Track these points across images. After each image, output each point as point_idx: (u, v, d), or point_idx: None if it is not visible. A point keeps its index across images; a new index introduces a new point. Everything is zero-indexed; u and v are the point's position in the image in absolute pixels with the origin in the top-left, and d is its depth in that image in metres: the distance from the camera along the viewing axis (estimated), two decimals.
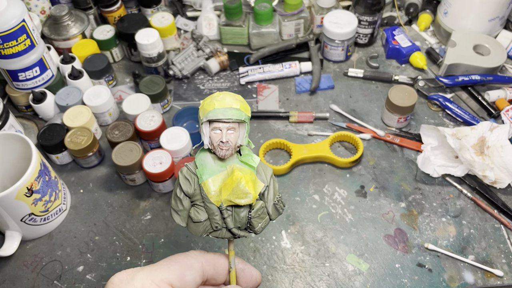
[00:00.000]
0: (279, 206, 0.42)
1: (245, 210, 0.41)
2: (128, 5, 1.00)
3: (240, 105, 0.39)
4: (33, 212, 0.68)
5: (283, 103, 0.89)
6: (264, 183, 0.41)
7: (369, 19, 0.92)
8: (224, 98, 0.39)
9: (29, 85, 0.83)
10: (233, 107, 0.39)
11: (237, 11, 0.93)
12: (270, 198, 0.42)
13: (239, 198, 0.39)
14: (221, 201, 0.40)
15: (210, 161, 0.41)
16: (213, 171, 0.40)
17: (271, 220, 0.43)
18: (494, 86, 0.88)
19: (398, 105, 0.79)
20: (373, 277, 0.66)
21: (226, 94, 0.40)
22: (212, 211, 0.40)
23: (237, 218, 0.41)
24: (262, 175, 0.41)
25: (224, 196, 0.39)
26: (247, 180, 0.39)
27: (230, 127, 0.39)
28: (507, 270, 0.66)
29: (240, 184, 0.39)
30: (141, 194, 0.77)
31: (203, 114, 0.39)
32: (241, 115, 0.39)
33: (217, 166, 0.41)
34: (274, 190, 0.42)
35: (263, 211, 0.42)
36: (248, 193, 0.39)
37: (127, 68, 0.97)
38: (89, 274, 0.68)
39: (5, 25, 0.73)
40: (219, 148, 0.40)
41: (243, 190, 0.39)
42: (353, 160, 0.77)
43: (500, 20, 0.91)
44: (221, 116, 0.39)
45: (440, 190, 0.75)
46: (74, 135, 0.77)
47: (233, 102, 0.39)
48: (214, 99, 0.39)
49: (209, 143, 0.40)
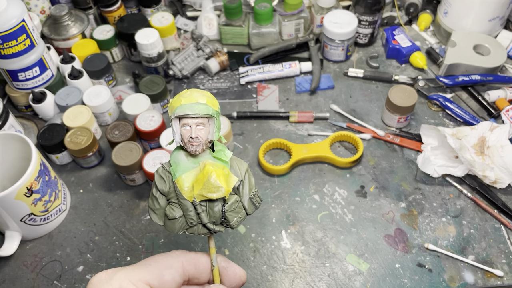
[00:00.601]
0: (255, 200, 0.43)
1: (219, 204, 0.41)
2: (128, 5, 1.00)
3: (207, 100, 0.40)
4: (33, 212, 0.68)
5: (283, 103, 0.89)
6: (238, 178, 0.41)
7: (369, 19, 0.92)
8: (191, 94, 0.40)
9: (29, 85, 0.83)
10: (199, 102, 0.39)
11: (237, 11, 0.93)
12: (245, 192, 0.42)
13: (210, 192, 0.39)
14: (194, 196, 0.40)
15: (183, 158, 0.41)
16: (186, 167, 0.41)
17: (247, 214, 0.43)
18: (494, 86, 0.88)
19: (398, 105, 0.79)
20: (373, 277, 0.66)
21: (193, 91, 0.40)
22: (186, 207, 0.41)
23: (211, 213, 0.41)
24: (236, 170, 0.41)
25: (196, 191, 0.40)
26: (218, 174, 0.39)
27: (199, 123, 0.39)
28: (507, 270, 0.66)
29: (211, 178, 0.39)
30: (141, 194, 0.77)
31: (171, 111, 0.40)
32: (208, 110, 0.39)
33: (190, 163, 0.41)
34: (249, 185, 0.42)
35: (238, 205, 0.42)
36: (220, 187, 0.39)
37: (127, 68, 0.97)
38: (89, 274, 0.68)
39: (5, 25, 0.73)
40: (190, 144, 0.40)
41: (214, 183, 0.39)
42: (353, 160, 0.77)
43: (500, 20, 0.90)
44: (188, 111, 0.39)
45: (440, 190, 0.75)
46: (74, 135, 0.77)
47: (199, 97, 0.39)
48: (181, 96, 0.40)
49: (180, 140, 0.41)
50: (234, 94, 0.90)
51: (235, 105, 0.89)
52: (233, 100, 0.89)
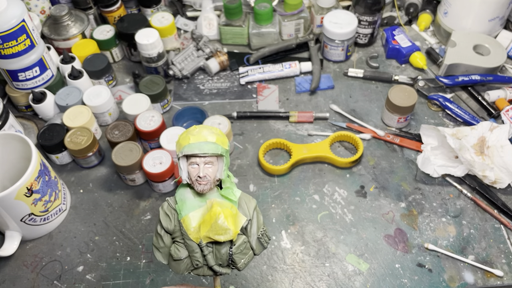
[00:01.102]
0: (264, 240, 0.41)
1: (226, 246, 0.39)
2: (128, 5, 1.00)
3: (217, 138, 0.38)
4: (33, 212, 0.68)
5: (283, 103, 0.89)
6: (246, 217, 0.39)
7: (369, 19, 0.92)
8: (200, 132, 0.38)
9: (29, 85, 0.83)
10: (208, 140, 0.38)
11: (237, 11, 0.93)
12: (253, 231, 0.40)
13: (218, 235, 0.38)
14: (200, 237, 0.38)
15: (189, 196, 0.40)
16: (192, 206, 0.39)
17: (255, 255, 0.41)
18: (494, 86, 0.88)
19: (398, 105, 0.79)
20: (373, 277, 0.66)
21: (202, 128, 0.39)
22: (192, 248, 0.39)
23: (218, 255, 0.39)
24: (245, 208, 0.40)
25: (203, 232, 0.38)
26: (226, 215, 0.38)
27: (207, 161, 0.38)
28: (507, 270, 0.66)
29: (219, 220, 0.38)
30: (141, 194, 0.77)
31: (179, 149, 0.39)
32: (217, 149, 0.38)
33: (197, 201, 0.39)
34: (258, 224, 0.40)
35: (245, 246, 0.40)
36: (228, 229, 0.38)
37: (127, 68, 0.97)
38: (89, 274, 0.68)
39: (5, 25, 0.73)
40: (197, 183, 0.38)
41: (222, 226, 0.38)
42: (353, 160, 0.77)
43: (500, 20, 0.90)
44: (197, 150, 0.38)
45: (440, 190, 0.75)
46: (74, 135, 0.77)
47: (208, 135, 0.38)
48: (189, 133, 0.38)
49: (188, 178, 0.39)
50: (234, 94, 0.90)
51: (235, 105, 0.89)
52: (233, 100, 0.89)
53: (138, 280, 0.67)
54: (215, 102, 0.89)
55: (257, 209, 0.41)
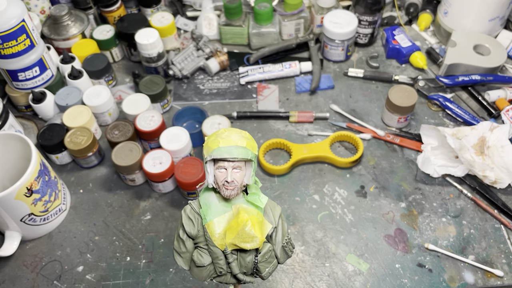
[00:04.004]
0: (288, 249, 0.40)
1: (252, 254, 0.38)
2: (128, 5, 1.00)
3: (247, 143, 0.37)
4: (32, 212, 0.68)
5: (283, 103, 0.89)
6: (272, 224, 0.38)
7: (369, 19, 0.92)
8: (230, 136, 0.37)
9: (29, 85, 0.83)
10: (238, 145, 0.37)
11: (237, 11, 0.93)
12: (278, 240, 0.39)
13: (244, 242, 0.37)
14: (225, 244, 0.37)
15: (214, 200, 0.38)
16: (217, 211, 0.38)
17: (279, 263, 0.40)
18: (494, 86, 0.88)
19: (398, 105, 0.79)
20: (373, 277, 0.66)
21: (232, 131, 0.38)
22: (216, 255, 0.38)
23: (242, 263, 0.38)
24: (270, 216, 0.39)
25: (228, 239, 0.37)
26: (253, 223, 0.37)
27: (235, 166, 0.37)
28: (507, 270, 0.66)
29: (246, 227, 0.36)
30: (141, 194, 0.77)
31: (207, 153, 0.37)
32: (247, 154, 0.37)
33: (222, 206, 0.38)
34: (282, 231, 0.39)
35: (270, 254, 0.39)
36: (255, 237, 0.37)
37: (127, 68, 0.97)
38: (89, 274, 0.68)
39: (5, 25, 0.73)
40: (224, 188, 0.37)
41: (249, 233, 0.36)
42: (353, 160, 0.77)
43: (500, 20, 0.90)
44: (226, 155, 0.36)
45: (440, 190, 0.75)
46: (74, 135, 0.77)
47: (239, 140, 0.37)
48: (218, 136, 0.37)
49: (214, 182, 0.38)
50: (234, 94, 0.90)
51: (235, 105, 0.88)
52: (233, 100, 0.89)
53: (138, 280, 0.67)
54: (215, 102, 0.89)
55: (282, 217, 0.40)
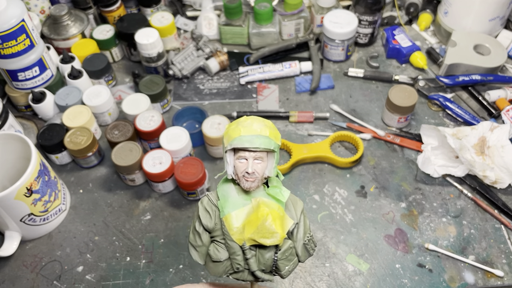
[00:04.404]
0: (310, 247, 0.38)
1: (271, 251, 0.36)
2: (128, 5, 1.00)
3: (270, 132, 0.35)
4: (32, 212, 0.68)
5: (283, 103, 0.88)
6: (293, 220, 0.37)
7: (369, 18, 0.92)
8: (252, 124, 0.35)
9: (29, 85, 0.83)
10: (261, 134, 0.35)
11: (237, 10, 0.93)
12: (299, 237, 0.37)
13: (264, 238, 0.35)
14: (244, 239, 0.35)
15: (233, 193, 0.36)
16: (236, 204, 0.36)
17: (300, 262, 0.38)
18: (494, 86, 0.87)
19: (398, 105, 0.79)
20: (373, 278, 0.66)
21: (254, 119, 0.36)
22: (233, 250, 0.36)
23: (261, 259, 0.36)
24: (292, 211, 0.37)
25: (247, 234, 0.35)
26: (274, 217, 0.35)
27: (257, 157, 0.35)
28: (507, 270, 0.66)
29: (266, 222, 0.34)
30: (141, 194, 0.77)
31: (228, 141, 0.35)
32: (270, 144, 0.35)
33: (241, 199, 0.36)
34: (304, 228, 0.38)
35: (291, 252, 0.37)
36: (275, 232, 0.35)
37: (126, 68, 0.96)
38: (89, 275, 0.68)
39: (5, 25, 0.72)
40: (244, 180, 0.35)
41: (269, 228, 0.34)
42: (353, 160, 0.77)
43: (500, 20, 0.90)
44: (248, 144, 0.34)
45: (441, 190, 0.75)
46: (74, 135, 0.77)
47: (262, 129, 0.35)
48: (240, 124, 0.35)
49: (233, 173, 0.36)
50: (234, 94, 0.90)
51: (235, 105, 0.88)
52: (233, 100, 0.89)
53: (138, 280, 0.67)
54: (215, 102, 0.89)
55: (304, 212, 0.38)
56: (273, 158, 0.36)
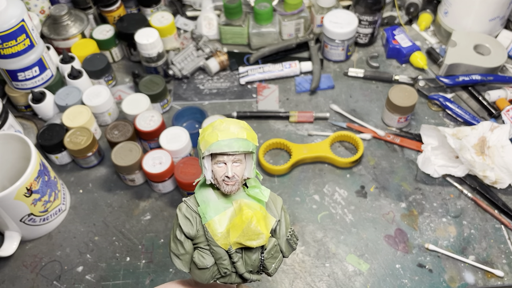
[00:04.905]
0: (293, 241, 0.38)
1: (257, 251, 0.36)
2: (128, 5, 1.00)
3: (247, 134, 0.35)
4: (32, 212, 0.68)
5: (283, 103, 0.88)
6: (275, 218, 0.36)
7: (369, 18, 0.91)
8: (228, 127, 0.34)
9: (29, 85, 0.83)
10: (239, 137, 0.34)
11: (237, 10, 0.93)
12: (282, 233, 0.37)
13: (250, 240, 0.34)
14: (229, 244, 0.35)
15: (213, 197, 0.36)
16: (217, 208, 0.35)
17: (284, 257, 0.38)
18: (494, 86, 0.87)
19: (398, 105, 0.79)
20: (373, 278, 0.66)
21: (230, 122, 0.35)
22: (219, 255, 0.35)
23: (248, 261, 0.36)
24: (272, 209, 0.37)
25: (233, 238, 0.35)
26: (258, 219, 0.35)
27: (236, 160, 0.35)
28: (507, 270, 0.66)
29: (251, 224, 0.34)
30: (141, 194, 0.77)
31: (205, 147, 0.34)
32: (248, 146, 0.35)
33: (222, 203, 0.36)
34: (286, 224, 0.37)
35: (276, 249, 0.37)
36: (261, 234, 0.34)
37: (126, 68, 0.96)
38: (89, 275, 0.68)
39: (5, 25, 0.72)
40: (225, 184, 0.35)
41: (254, 230, 0.34)
42: (353, 160, 0.77)
43: (500, 20, 0.90)
44: (227, 149, 0.34)
45: (441, 190, 0.75)
46: (74, 135, 0.77)
47: (239, 131, 0.34)
48: (216, 128, 0.34)
49: (212, 178, 0.35)
50: (234, 94, 0.90)
51: (235, 105, 0.88)
52: (233, 100, 0.89)
53: (137, 281, 0.67)
54: (215, 102, 0.89)
55: (284, 208, 0.38)
56: (251, 159, 0.36)
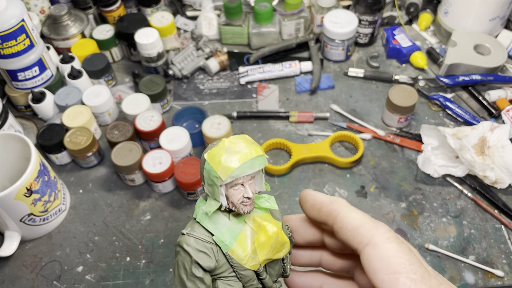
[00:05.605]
0: (292, 236, 0.37)
1: (279, 260, 0.35)
2: (128, 5, 1.00)
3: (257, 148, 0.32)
4: (32, 212, 0.68)
5: (283, 103, 0.88)
6: (280, 221, 0.35)
7: (369, 18, 0.91)
8: (242, 148, 0.32)
9: (29, 85, 0.82)
10: (256, 154, 0.32)
11: (237, 10, 0.93)
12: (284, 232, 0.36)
13: (278, 252, 0.33)
14: (258, 263, 0.33)
15: (225, 221, 0.33)
16: (233, 231, 0.33)
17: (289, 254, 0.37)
18: (494, 86, 0.87)
19: (398, 105, 0.79)
20: None
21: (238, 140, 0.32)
22: (248, 278, 0.33)
23: (272, 272, 0.35)
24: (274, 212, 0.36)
25: (262, 256, 0.33)
26: (279, 229, 0.34)
27: (251, 177, 0.33)
28: (507, 270, 0.66)
29: (278, 238, 0.33)
30: (141, 194, 0.77)
31: (226, 174, 0.31)
32: (265, 161, 0.33)
33: (235, 224, 0.33)
34: (282, 221, 0.37)
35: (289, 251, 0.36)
36: (285, 243, 0.34)
37: (126, 68, 0.96)
38: (89, 275, 0.68)
39: (5, 25, 0.72)
40: (243, 205, 0.32)
41: (280, 241, 0.33)
42: (354, 160, 0.77)
43: (500, 20, 0.90)
44: (250, 171, 0.31)
45: (441, 190, 0.75)
46: (74, 135, 0.77)
47: (251, 149, 0.32)
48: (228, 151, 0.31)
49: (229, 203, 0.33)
50: (234, 94, 0.90)
51: (235, 105, 0.88)
52: (233, 100, 0.89)
53: (137, 281, 0.67)
54: (215, 102, 0.89)
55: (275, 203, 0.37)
56: (261, 172, 0.34)
